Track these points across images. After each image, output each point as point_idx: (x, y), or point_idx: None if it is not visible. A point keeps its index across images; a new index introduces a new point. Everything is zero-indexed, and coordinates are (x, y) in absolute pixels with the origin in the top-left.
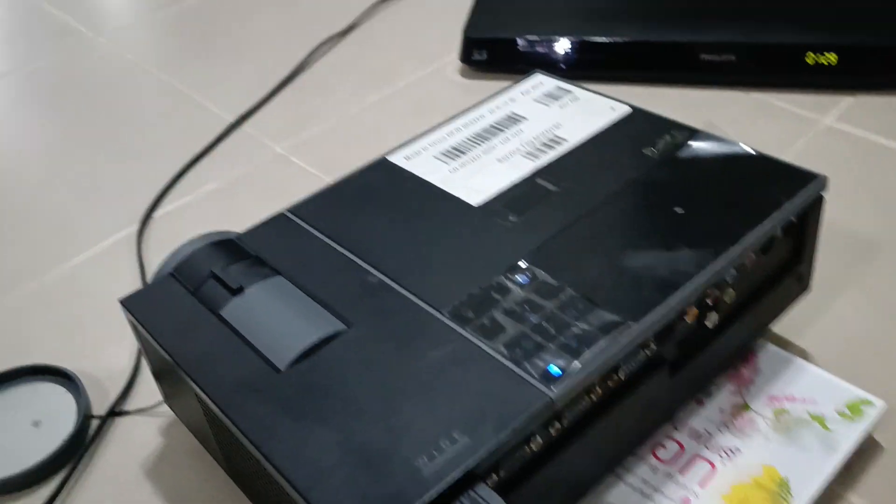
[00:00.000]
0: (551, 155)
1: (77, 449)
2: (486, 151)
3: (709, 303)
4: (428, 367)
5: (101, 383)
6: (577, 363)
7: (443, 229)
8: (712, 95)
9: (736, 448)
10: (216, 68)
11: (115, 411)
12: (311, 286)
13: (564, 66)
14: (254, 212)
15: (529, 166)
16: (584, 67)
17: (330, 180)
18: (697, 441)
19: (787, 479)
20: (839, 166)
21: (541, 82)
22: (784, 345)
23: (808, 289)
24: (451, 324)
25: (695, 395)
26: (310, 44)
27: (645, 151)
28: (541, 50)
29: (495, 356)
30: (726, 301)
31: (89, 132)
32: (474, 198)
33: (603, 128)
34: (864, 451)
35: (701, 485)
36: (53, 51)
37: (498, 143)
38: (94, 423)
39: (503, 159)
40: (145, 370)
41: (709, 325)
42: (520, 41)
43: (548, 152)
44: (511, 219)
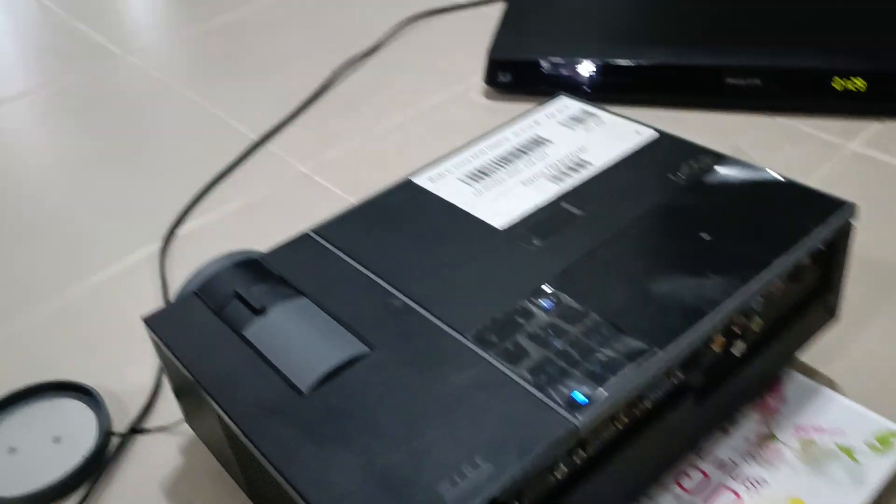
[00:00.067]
0: (576, 179)
1: (97, 466)
2: (510, 174)
3: (736, 331)
4: (451, 391)
5: (122, 400)
6: (602, 391)
7: (467, 252)
8: (737, 120)
9: (762, 479)
10: (242, 87)
11: (135, 429)
12: (335, 307)
13: (589, 89)
14: (277, 231)
15: (554, 190)
16: (609, 90)
17: (353, 200)
18: (722, 471)
19: None
20: (866, 192)
21: (566, 105)
22: (811, 374)
23: (836, 317)
24: (474, 348)
25: (720, 424)
26: (334, 64)
27: (671, 176)
28: (565, 72)
29: (519, 381)
30: (753, 329)
31: (115, 148)
32: (499, 221)
33: (628, 152)
34: (895, 485)
35: None
36: (82, 68)
37: (522, 166)
38: (115, 440)
39: (528, 182)
40: (166, 388)
41: (735, 353)
42: (544, 63)
43: (573, 176)
44: (535, 242)
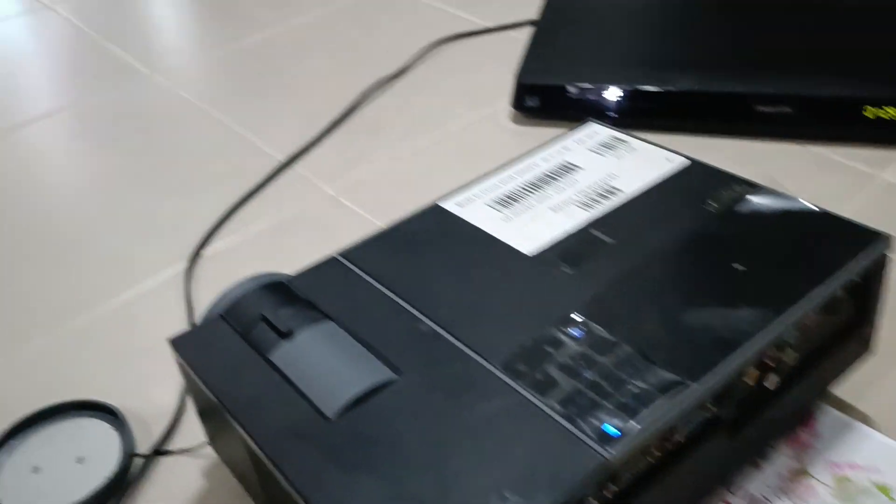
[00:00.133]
0: (606, 206)
1: (120, 487)
2: (539, 200)
3: (769, 363)
4: (479, 420)
5: (146, 420)
6: (634, 423)
7: (496, 278)
8: (767, 148)
9: None
10: (269, 108)
11: (158, 450)
12: (362, 332)
13: (616, 115)
14: (303, 252)
15: (584, 216)
16: (636, 116)
17: (379, 223)
18: None
19: None
20: None
21: (595, 131)
22: (845, 409)
23: (871, 351)
24: (503, 376)
25: (752, 459)
26: (362, 85)
27: (703, 205)
28: (593, 97)
29: (549, 412)
30: (787, 362)
31: (143, 168)
32: (528, 247)
33: (659, 179)
34: None
35: None
36: (111, 87)
37: (552, 191)
38: (138, 461)
39: (557, 208)
40: (190, 409)
41: (769, 386)
42: (572, 88)
43: (603, 203)
44: (565, 270)
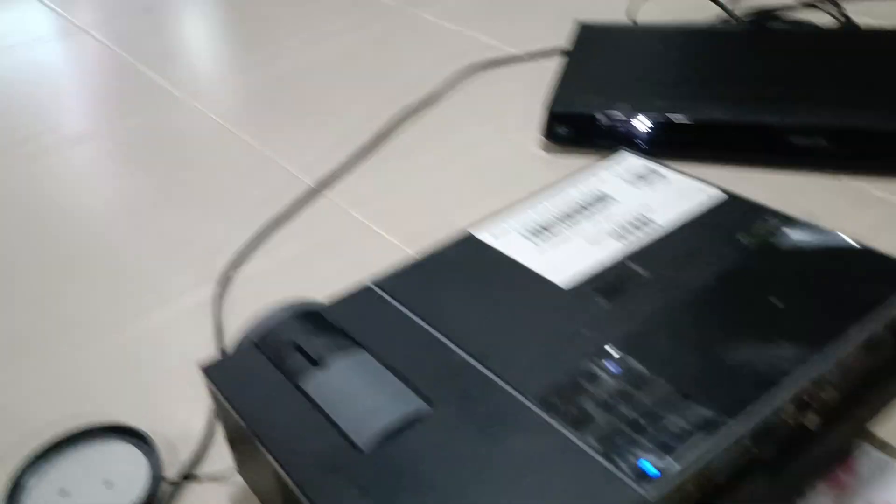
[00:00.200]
0: (641, 238)
1: None
2: (574, 231)
3: (808, 401)
4: (514, 456)
5: (174, 445)
6: (673, 461)
7: (531, 311)
8: (802, 180)
9: None
10: (300, 133)
11: (187, 476)
12: (395, 363)
13: (647, 145)
14: (333, 278)
15: (619, 248)
16: (668, 146)
17: (410, 251)
18: None
19: None
20: None
21: (628, 161)
22: (886, 448)
23: None
24: (538, 411)
25: (791, 499)
26: (392, 112)
27: (740, 238)
28: (624, 127)
29: (585, 449)
30: (826, 400)
31: (175, 191)
32: (562, 279)
33: (695, 212)
34: None
35: None
36: (145, 111)
37: (586, 222)
38: (166, 486)
39: (592, 240)
40: (218, 434)
41: (808, 425)
42: (604, 118)
43: (638, 235)
44: (601, 303)
